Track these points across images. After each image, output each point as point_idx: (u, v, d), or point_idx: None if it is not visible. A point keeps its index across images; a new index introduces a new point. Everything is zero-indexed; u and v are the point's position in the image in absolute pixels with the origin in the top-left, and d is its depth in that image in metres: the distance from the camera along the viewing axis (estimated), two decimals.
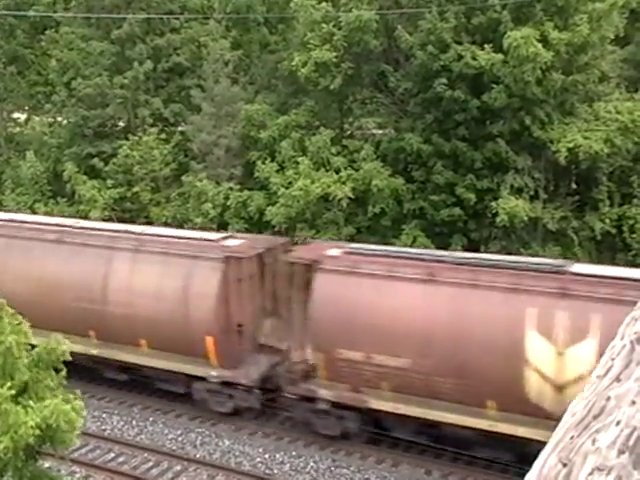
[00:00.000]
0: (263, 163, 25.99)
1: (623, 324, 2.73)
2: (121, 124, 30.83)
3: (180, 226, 25.23)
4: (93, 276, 19.61)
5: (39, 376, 9.36)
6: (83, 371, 19.19)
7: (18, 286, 19.70)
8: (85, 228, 21.20)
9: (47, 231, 21.08)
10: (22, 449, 8.74)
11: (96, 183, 28.49)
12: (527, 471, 2.34)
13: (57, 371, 9.84)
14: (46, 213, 28.04)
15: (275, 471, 16.98)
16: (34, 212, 28.62)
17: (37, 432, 8.60)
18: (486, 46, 22.54)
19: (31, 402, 8.94)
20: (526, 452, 13.90)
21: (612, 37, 23.80)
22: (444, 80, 22.96)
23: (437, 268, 16.20)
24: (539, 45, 21.77)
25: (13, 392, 8.69)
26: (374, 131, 28.23)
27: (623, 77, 26.24)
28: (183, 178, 27.67)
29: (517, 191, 23.08)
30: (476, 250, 23.27)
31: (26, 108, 35.79)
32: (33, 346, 9.84)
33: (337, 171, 24.77)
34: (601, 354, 2.60)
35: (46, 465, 10.61)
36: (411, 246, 22.88)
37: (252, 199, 26.10)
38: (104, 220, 26.35)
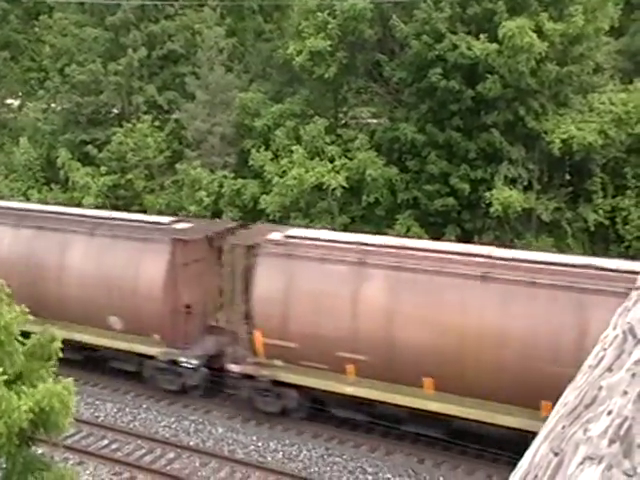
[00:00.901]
0: (257, 151, 25.96)
1: (616, 314, 2.76)
2: (115, 111, 30.72)
3: (174, 214, 25.15)
4: (559, 327, 14.58)
5: (33, 366, 9.36)
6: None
7: (422, 336, 15.64)
8: (521, 260, 15.65)
9: (461, 263, 15.74)
10: (16, 434, 8.75)
11: (90, 170, 28.42)
12: (518, 461, 2.37)
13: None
14: (39, 200, 27.95)
15: (268, 459, 17.04)
16: (28, 199, 28.53)
17: (31, 416, 8.62)
18: (481, 36, 22.53)
19: (24, 387, 8.95)
20: None
21: (607, 28, 23.80)
22: (439, 70, 22.94)
23: None
24: (534, 35, 21.76)
25: (5, 377, 8.69)
26: (368, 120, 28.21)
27: (617, 68, 26.26)
28: (177, 166, 27.61)
29: (511, 182, 23.12)
30: (469, 241, 23.33)
31: (20, 94, 35.60)
32: (24, 334, 9.82)
33: (331, 160, 24.77)
34: None
35: (39, 451, 10.63)
36: (405, 236, 22.91)
37: (246, 187, 26.08)
38: (97, 207, 26.28)
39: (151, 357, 19.51)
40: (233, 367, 18.35)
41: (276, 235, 18.08)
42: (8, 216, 21.48)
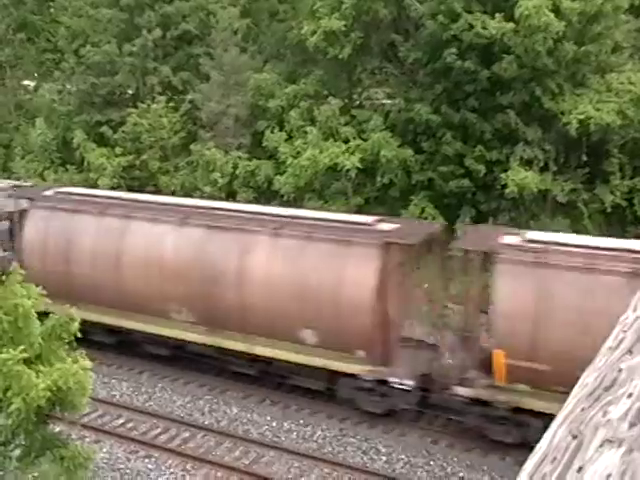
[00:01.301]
0: (272, 132, 25.90)
1: (636, 297, 2.73)
2: (130, 92, 30.75)
3: (189, 195, 25.19)
4: None
5: (52, 346, 9.45)
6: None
7: None
8: None
9: None
10: (34, 412, 8.86)
11: (105, 151, 28.50)
12: (535, 445, 2.36)
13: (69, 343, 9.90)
14: (55, 181, 28.07)
15: (283, 439, 17.12)
16: (44, 179, 28.64)
17: (48, 394, 8.71)
18: (497, 15, 22.30)
19: (41, 367, 9.04)
20: None
21: (626, 6, 23.52)
22: (454, 50, 22.76)
23: None
24: (551, 14, 21.52)
25: (26, 355, 8.78)
26: (383, 101, 28.07)
27: (637, 47, 25.95)
28: (192, 147, 27.63)
29: (527, 163, 22.97)
30: (484, 222, 23.23)
31: (35, 75, 35.68)
32: (41, 313, 9.89)
33: (346, 141, 24.68)
34: None
35: (57, 429, 10.74)
36: (420, 217, 22.81)
37: (260, 168, 26.06)
38: (113, 188, 26.34)
39: (350, 375, 17.00)
40: (461, 390, 15.97)
41: (513, 239, 15.77)
42: (171, 213, 18.98)
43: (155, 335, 19.34)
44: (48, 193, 21.52)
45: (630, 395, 2.16)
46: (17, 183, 23.73)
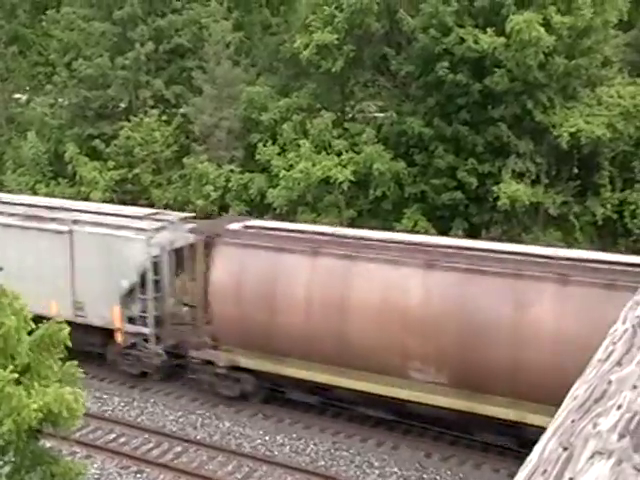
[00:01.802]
0: (264, 145, 25.95)
1: (625, 308, 2.73)
2: (122, 105, 30.75)
3: (181, 209, 25.16)
4: None
5: (41, 357, 9.35)
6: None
7: None
8: None
9: None
10: (24, 431, 8.78)
11: (97, 164, 28.47)
12: (527, 455, 2.35)
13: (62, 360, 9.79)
14: (47, 194, 28.00)
15: (275, 453, 17.06)
16: (35, 193, 28.57)
17: (40, 415, 8.62)
18: (488, 29, 22.45)
19: (35, 384, 8.95)
20: None
21: (615, 21, 23.73)
22: (446, 64, 22.88)
23: None
24: (542, 29, 21.69)
25: (15, 376, 8.68)
26: (375, 114, 28.17)
27: (626, 61, 26.15)
28: (184, 160, 27.63)
29: (519, 175, 23.07)
30: (477, 234, 23.30)
31: (27, 88, 35.66)
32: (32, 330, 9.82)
33: (338, 154, 24.74)
34: None
35: (47, 445, 10.66)
36: (411, 230, 22.85)
37: (253, 181, 26.08)
38: (105, 202, 26.28)
39: None
40: None
41: None
42: (411, 253, 16.26)
43: (382, 397, 16.62)
44: (235, 227, 18.89)
45: (620, 407, 2.16)
46: (183, 215, 21.28)
